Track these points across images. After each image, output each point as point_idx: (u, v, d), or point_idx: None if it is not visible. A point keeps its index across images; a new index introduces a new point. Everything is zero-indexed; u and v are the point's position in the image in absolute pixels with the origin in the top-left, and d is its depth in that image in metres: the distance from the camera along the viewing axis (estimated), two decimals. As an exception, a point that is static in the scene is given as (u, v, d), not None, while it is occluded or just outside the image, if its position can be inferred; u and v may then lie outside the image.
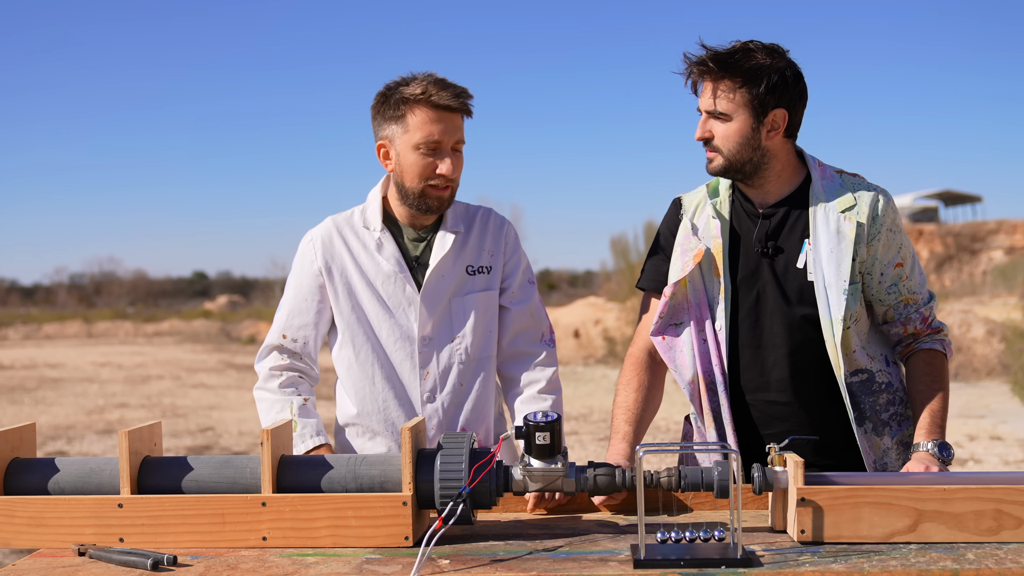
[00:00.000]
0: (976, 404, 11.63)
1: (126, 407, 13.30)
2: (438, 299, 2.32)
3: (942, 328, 2.29)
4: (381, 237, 2.32)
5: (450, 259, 2.33)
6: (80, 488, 1.90)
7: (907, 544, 1.73)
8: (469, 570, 1.64)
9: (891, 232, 2.21)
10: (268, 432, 1.82)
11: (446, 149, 2.24)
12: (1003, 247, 32.04)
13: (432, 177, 2.24)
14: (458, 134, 2.25)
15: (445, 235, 2.33)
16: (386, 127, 2.27)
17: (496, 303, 2.38)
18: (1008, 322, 15.39)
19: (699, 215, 2.31)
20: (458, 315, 2.33)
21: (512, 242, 2.43)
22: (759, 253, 2.24)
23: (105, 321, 39.74)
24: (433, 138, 2.21)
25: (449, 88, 2.22)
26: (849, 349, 2.19)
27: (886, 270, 2.22)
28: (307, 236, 2.38)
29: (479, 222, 2.40)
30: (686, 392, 2.24)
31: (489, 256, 2.38)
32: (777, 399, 2.22)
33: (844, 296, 2.15)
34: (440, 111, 2.21)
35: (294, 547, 1.79)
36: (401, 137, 2.24)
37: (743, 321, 2.24)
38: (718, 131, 2.17)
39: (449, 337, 2.33)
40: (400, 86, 2.25)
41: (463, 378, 2.34)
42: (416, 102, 2.21)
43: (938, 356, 2.26)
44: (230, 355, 24.57)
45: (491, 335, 2.38)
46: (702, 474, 1.80)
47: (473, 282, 2.35)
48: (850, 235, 2.17)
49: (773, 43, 2.19)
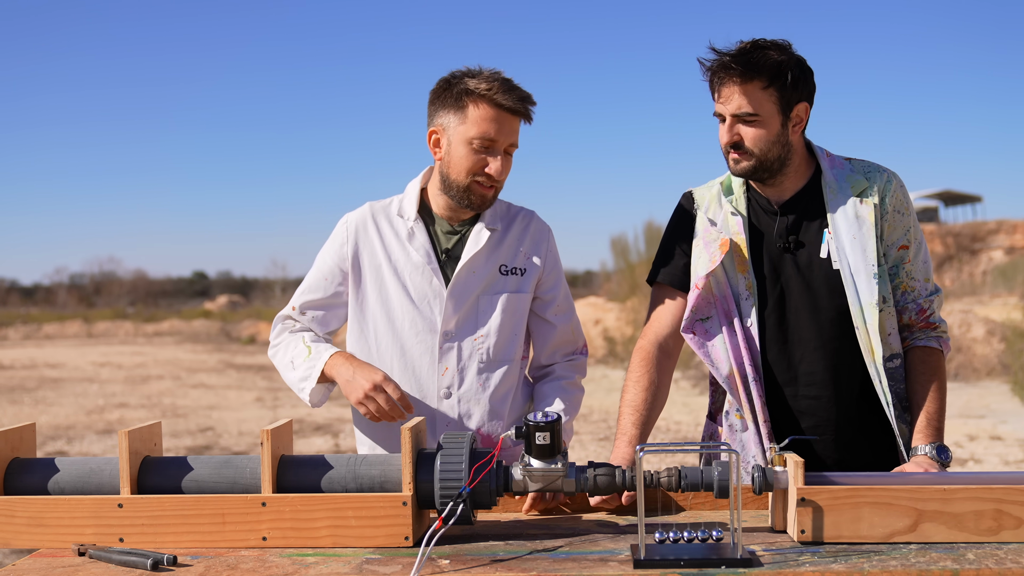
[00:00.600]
0: (976, 404, 11.63)
1: (126, 407, 13.30)
2: (466, 295, 2.28)
3: (939, 324, 2.25)
4: (414, 227, 2.30)
5: (483, 256, 2.29)
6: (80, 488, 1.90)
7: (907, 544, 1.73)
8: (469, 570, 1.64)
9: (898, 213, 2.21)
10: (268, 432, 1.82)
11: (499, 150, 2.21)
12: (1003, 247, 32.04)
13: (479, 174, 2.21)
14: (513, 137, 2.23)
15: (481, 230, 2.30)
16: (443, 115, 2.23)
17: (525, 307, 2.34)
18: (1008, 322, 15.39)
19: (714, 210, 2.30)
20: (484, 313, 2.30)
21: (554, 252, 2.40)
22: (781, 248, 2.23)
23: (105, 321, 39.74)
24: (489, 136, 2.18)
25: (515, 91, 2.20)
26: (884, 333, 2.19)
27: (889, 251, 2.21)
28: (343, 220, 2.37)
29: (519, 223, 2.37)
30: (725, 386, 2.22)
31: (524, 258, 2.34)
32: (806, 393, 2.21)
33: (875, 279, 2.15)
34: (501, 111, 2.18)
35: (294, 547, 1.79)
36: (456, 128, 2.21)
37: (769, 317, 2.23)
38: (747, 134, 2.16)
39: (472, 334, 2.29)
40: (466, 77, 2.21)
41: (482, 378, 2.29)
42: (480, 97, 2.18)
43: (934, 354, 2.23)
44: (230, 355, 24.57)
45: (516, 338, 2.33)
46: (702, 474, 1.80)
47: (504, 282, 2.31)
48: (870, 218, 2.18)
49: (778, 39, 2.18)
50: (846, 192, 2.21)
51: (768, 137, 2.15)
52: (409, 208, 2.32)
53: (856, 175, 2.23)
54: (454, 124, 2.21)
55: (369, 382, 2.12)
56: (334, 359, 2.22)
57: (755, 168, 2.18)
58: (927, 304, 2.24)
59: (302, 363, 2.26)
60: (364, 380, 2.13)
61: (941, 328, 2.25)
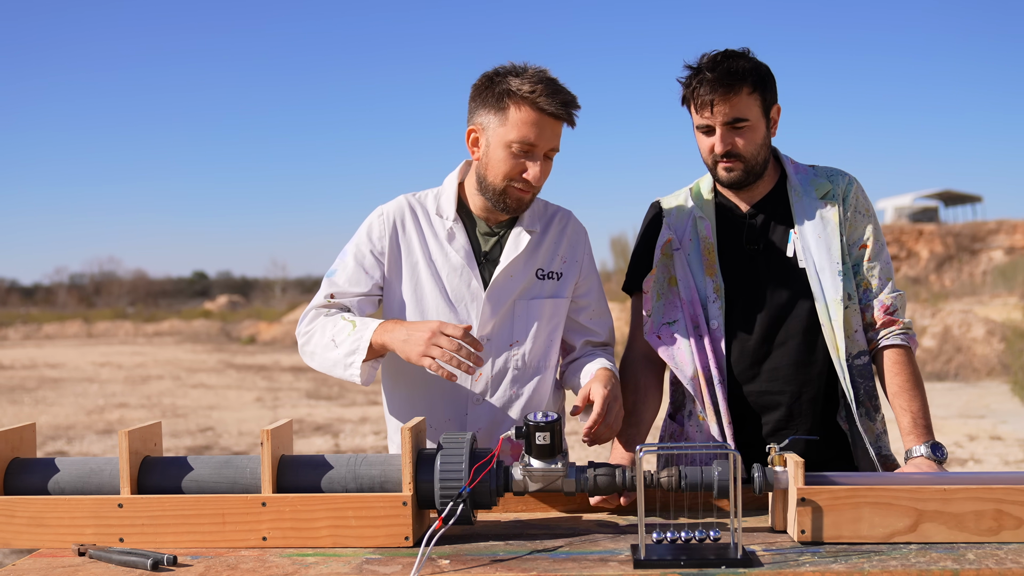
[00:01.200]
0: (976, 404, 11.63)
1: (126, 407, 13.30)
2: (503, 299, 2.22)
3: (904, 321, 2.28)
4: (454, 227, 2.23)
5: (522, 259, 2.23)
6: (80, 488, 1.90)
7: (907, 544, 1.73)
8: (469, 570, 1.64)
9: (858, 213, 2.29)
10: (268, 432, 1.82)
11: (538, 154, 2.13)
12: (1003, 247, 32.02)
13: (517, 179, 2.14)
14: (555, 142, 2.14)
15: (520, 233, 2.24)
16: (483, 114, 2.15)
17: (562, 312, 2.29)
18: (1008, 322, 15.40)
19: (682, 217, 2.36)
20: (520, 319, 2.24)
21: (590, 255, 2.34)
22: (750, 250, 2.30)
23: (105, 321, 39.74)
24: (529, 140, 2.10)
25: (559, 94, 2.10)
26: (851, 330, 2.24)
27: (852, 250, 2.28)
28: (379, 211, 2.28)
29: (556, 224, 2.31)
30: (689, 388, 2.26)
31: (562, 263, 2.29)
32: (769, 389, 2.26)
33: (840, 276, 2.22)
34: (544, 115, 2.10)
35: (294, 547, 1.79)
36: (496, 129, 2.13)
37: (736, 317, 2.28)
38: (740, 140, 2.21)
39: (508, 340, 2.24)
40: (509, 75, 2.12)
41: (516, 384, 2.24)
42: (522, 99, 2.09)
43: (905, 352, 2.26)
44: (230, 355, 24.57)
45: (552, 344, 2.28)
46: (702, 474, 1.80)
47: (541, 287, 2.26)
48: (834, 219, 2.26)
49: (740, 47, 2.24)
50: (811, 195, 2.30)
51: (757, 141, 2.23)
52: (448, 207, 2.25)
53: (820, 179, 2.32)
54: (494, 125, 2.13)
55: (427, 331, 1.99)
56: (383, 326, 2.09)
57: (746, 174, 2.25)
58: (889, 300, 2.27)
59: (346, 338, 2.11)
60: (422, 330, 2.00)
61: (906, 324, 2.28)
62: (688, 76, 2.22)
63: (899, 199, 41.03)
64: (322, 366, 2.17)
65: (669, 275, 2.33)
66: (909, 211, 39.98)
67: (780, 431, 2.24)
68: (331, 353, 2.13)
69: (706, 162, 2.28)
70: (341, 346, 2.11)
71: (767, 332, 2.27)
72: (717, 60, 2.20)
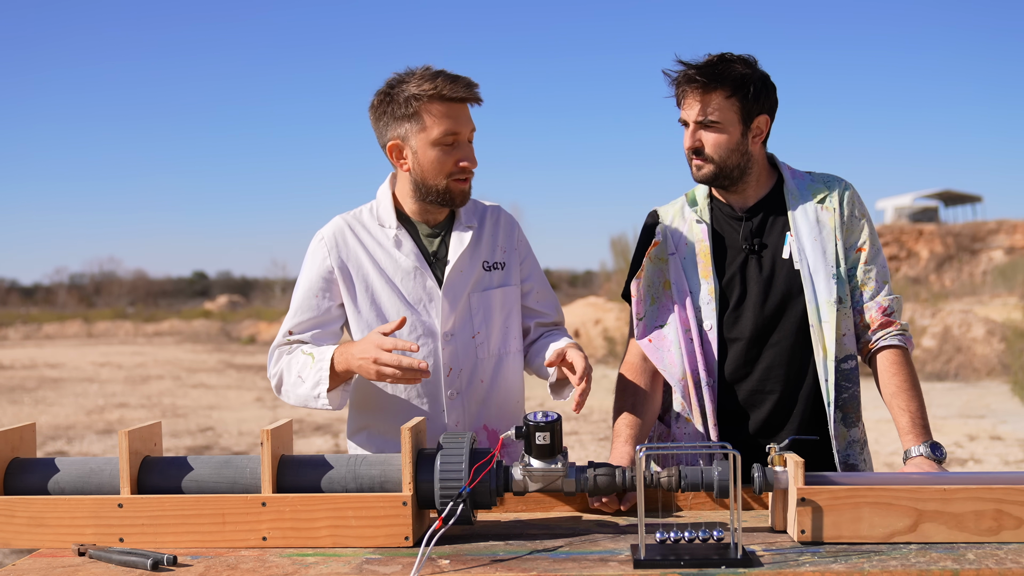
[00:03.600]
0: (976, 404, 11.63)
1: (126, 407, 13.30)
2: (459, 294, 2.29)
3: (901, 322, 2.29)
4: (398, 234, 2.29)
5: (467, 254, 2.30)
6: (80, 488, 1.90)
7: (907, 544, 1.73)
8: (469, 570, 1.64)
9: (854, 218, 2.31)
10: (268, 432, 1.82)
11: (464, 141, 2.22)
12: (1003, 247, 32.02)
13: (455, 172, 2.21)
14: (471, 123, 2.23)
15: (462, 231, 2.32)
16: (396, 127, 2.22)
17: (513, 298, 2.37)
18: (1008, 322, 15.39)
19: (678, 223, 2.39)
20: (477, 311, 2.31)
21: (525, 242, 2.44)
22: (746, 251, 2.32)
23: (105, 321, 39.75)
24: (452, 131, 2.18)
25: (457, 80, 2.19)
26: (840, 333, 2.25)
27: (848, 253, 2.30)
28: (318, 236, 2.33)
29: (490, 219, 2.39)
30: (677, 389, 2.28)
31: (502, 252, 2.37)
32: (760, 388, 2.27)
33: (833, 280, 2.25)
34: (454, 104, 2.18)
35: (294, 547, 1.79)
36: (417, 136, 2.19)
37: (728, 318, 2.30)
38: (708, 140, 2.25)
39: (470, 333, 2.30)
40: (404, 84, 2.20)
41: (485, 374, 2.31)
42: (428, 98, 2.17)
43: (902, 353, 2.27)
44: (230, 355, 24.58)
45: (510, 330, 2.36)
46: (702, 474, 1.80)
47: (490, 278, 2.34)
48: (830, 223, 2.29)
49: (745, 54, 2.28)
50: (807, 198, 2.32)
51: (728, 144, 2.25)
52: (388, 216, 2.31)
53: (816, 184, 2.35)
54: (413, 132, 2.19)
55: (368, 357, 2.06)
56: (339, 352, 2.16)
57: (715, 174, 2.28)
58: (886, 302, 2.28)
59: (309, 371, 2.18)
60: (364, 357, 2.07)
61: (903, 326, 2.29)
62: (677, 71, 2.27)
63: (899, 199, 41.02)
64: (297, 402, 2.23)
65: (663, 279, 2.35)
66: (909, 211, 39.98)
67: (768, 431, 2.25)
68: (300, 389, 2.20)
69: (686, 156, 2.33)
70: (307, 380, 2.18)
71: (760, 333, 2.28)
72: (710, 61, 2.24)
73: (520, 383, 2.40)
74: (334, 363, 2.15)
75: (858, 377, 2.29)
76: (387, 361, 2.03)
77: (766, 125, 2.30)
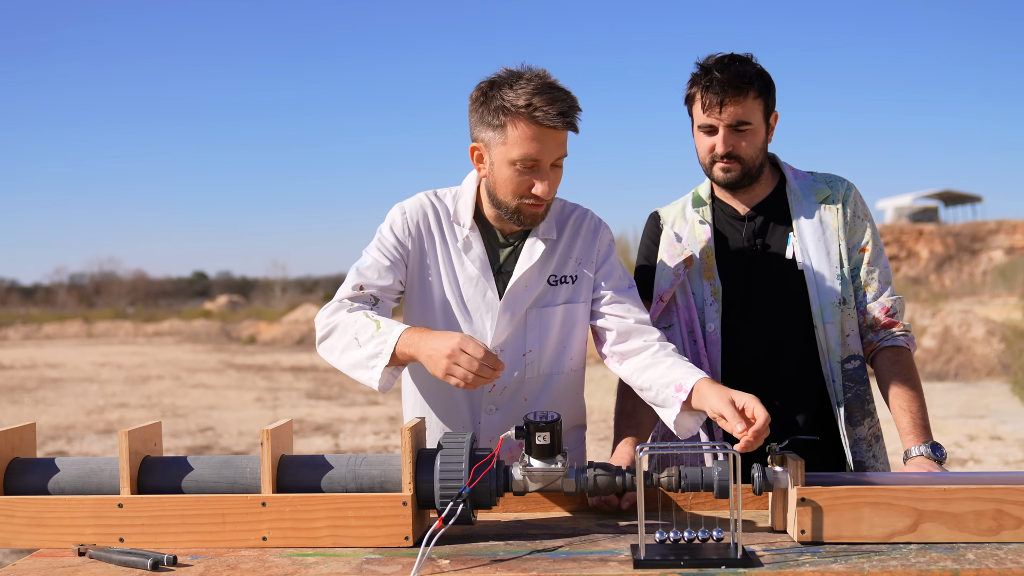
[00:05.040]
0: (976, 404, 11.63)
1: (126, 407, 13.30)
2: (518, 309, 2.16)
3: (904, 323, 2.30)
4: (470, 236, 2.17)
5: (536, 269, 2.17)
6: (80, 488, 1.90)
7: (907, 544, 1.73)
8: (469, 570, 1.64)
9: (857, 218, 2.31)
10: (268, 432, 1.82)
11: (545, 168, 2.04)
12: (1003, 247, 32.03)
13: (527, 196, 2.06)
14: (560, 151, 2.05)
15: (535, 243, 2.17)
16: (482, 131, 2.07)
17: (577, 317, 2.21)
18: (1008, 322, 15.40)
19: (679, 225, 2.39)
20: (533, 327, 2.18)
21: (605, 249, 2.24)
22: (750, 252, 2.31)
23: (105, 321, 39.74)
24: (531, 156, 2.01)
25: (556, 103, 1.99)
26: (844, 333, 2.26)
27: (851, 254, 2.30)
28: (400, 208, 2.20)
29: (571, 226, 2.23)
30: None
31: (576, 264, 2.20)
32: (763, 390, 2.23)
33: (838, 280, 2.25)
34: (543, 128, 2.00)
35: (294, 547, 1.79)
36: (498, 147, 2.05)
37: (732, 319, 2.30)
38: (741, 142, 2.23)
39: (521, 350, 2.18)
40: (503, 89, 2.02)
41: (530, 392, 2.20)
42: (518, 114, 2.00)
43: (904, 353, 2.27)
44: (230, 355, 24.57)
45: (566, 350, 2.22)
46: (702, 474, 1.80)
47: (554, 294, 2.19)
48: (833, 223, 2.29)
49: (746, 53, 2.27)
50: (810, 199, 2.32)
51: (757, 144, 2.25)
52: (465, 214, 2.18)
53: (819, 184, 2.35)
54: (495, 142, 2.05)
55: (448, 348, 1.88)
56: (408, 335, 1.97)
57: (743, 176, 2.27)
58: (889, 302, 2.29)
59: (370, 339, 1.99)
60: (443, 348, 1.89)
61: (905, 327, 2.29)
62: (696, 75, 2.24)
63: (899, 199, 41.03)
64: (340, 363, 2.06)
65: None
66: (909, 211, 39.99)
67: (773, 433, 2.25)
68: (353, 352, 2.02)
69: (702, 161, 2.29)
70: (364, 346, 2.00)
71: (764, 333, 2.28)
72: (725, 62, 2.21)
73: (574, 405, 2.28)
74: (399, 341, 1.98)
75: (864, 376, 2.29)
76: (464, 363, 1.87)
77: (775, 121, 2.31)
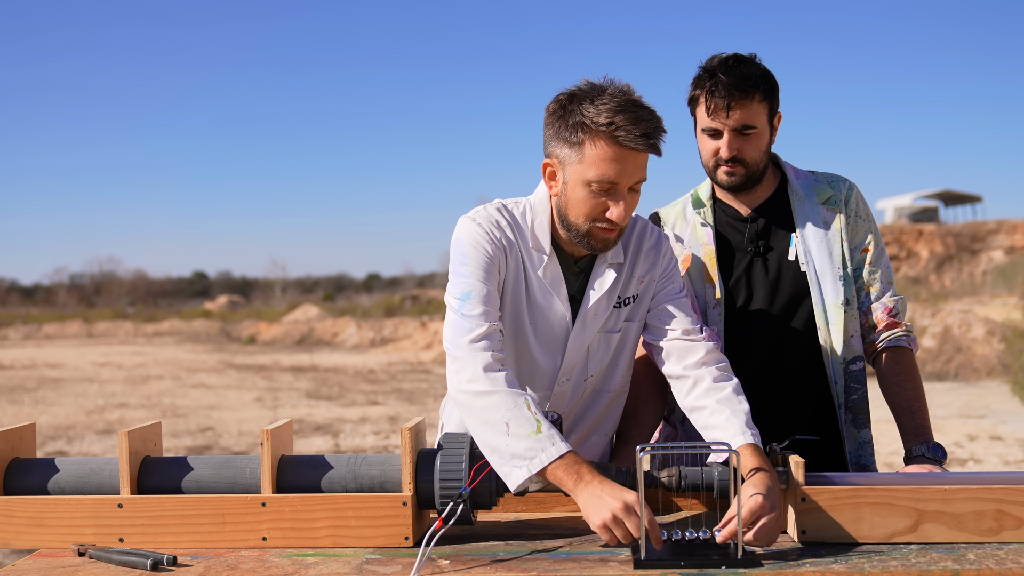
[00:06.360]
0: (976, 404, 11.63)
1: (126, 407, 13.30)
2: (588, 337, 2.07)
3: (906, 323, 2.30)
4: (549, 264, 2.02)
5: (606, 297, 2.05)
6: (80, 488, 1.90)
7: (908, 544, 1.73)
8: (469, 570, 1.63)
9: (858, 218, 2.31)
10: (268, 432, 1.82)
11: (622, 191, 1.89)
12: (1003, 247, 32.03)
13: (600, 219, 1.92)
14: (639, 174, 1.90)
15: (606, 270, 2.04)
16: (558, 146, 1.92)
17: (631, 336, 2.12)
18: (1008, 322, 15.40)
19: (680, 226, 2.38)
20: (595, 352, 2.10)
21: (666, 263, 2.11)
22: (752, 253, 2.30)
23: (105, 321, 39.76)
24: (609, 178, 1.87)
25: (641, 123, 1.84)
26: (847, 334, 2.25)
27: (853, 254, 2.29)
28: (473, 221, 2.00)
29: (633, 245, 2.09)
30: None
31: (639, 284, 2.09)
32: (766, 391, 2.26)
33: (840, 281, 2.24)
34: (624, 150, 1.86)
35: (294, 547, 1.79)
36: (574, 166, 1.90)
37: (735, 320, 2.29)
38: (746, 146, 2.21)
39: (583, 376, 2.10)
40: (583, 103, 1.88)
41: (576, 408, 2.14)
42: (598, 133, 1.85)
43: (906, 354, 2.27)
44: (230, 355, 24.57)
45: (617, 369, 2.13)
46: (702, 474, 1.80)
47: (616, 317, 2.09)
48: (835, 223, 2.28)
49: (749, 53, 2.24)
50: (812, 200, 2.31)
51: (761, 148, 2.23)
52: (543, 237, 2.02)
53: (820, 184, 2.33)
54: (571, 160, 1.91)
55: (612, 510, 1.67)
56: (568, 463, 1.74)
57: (747, 179, 2.25)
58: (891, 303, 2.28)
59: (525, 438, 1.76)
60: (608, 507, 1.67)
61: (907, 327, 2.29)
62: (700, 77, 2.20)
63: (899, 199, 41.03)
64: (479, 438, 1.83)
65: None
66: (909, 211, 39.99)
67: (775, 434, 2.24)
68: (496, 436, 1.79)
69: (706, 164, 2.27)
70: (513, 439, 1.77)
71: (767, 335, 2.27)
72: (730, 64, 2.17)
73: (611, 418, 2.19)
74: (555, 464, 1.75)
75: (865, 378, 2.29)
76: (621, 534, 1.67)
77: (779, 122, 2.28)
